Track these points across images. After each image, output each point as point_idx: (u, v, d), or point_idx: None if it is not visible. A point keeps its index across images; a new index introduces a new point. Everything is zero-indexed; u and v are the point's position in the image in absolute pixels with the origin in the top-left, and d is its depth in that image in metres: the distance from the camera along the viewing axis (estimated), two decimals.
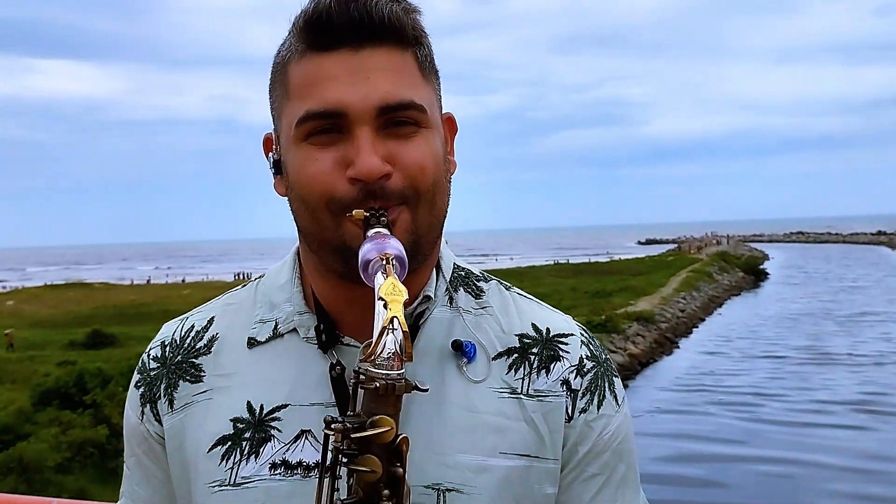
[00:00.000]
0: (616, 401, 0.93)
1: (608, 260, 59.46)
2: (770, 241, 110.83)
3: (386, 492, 0.69)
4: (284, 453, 0.86)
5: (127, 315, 29.14)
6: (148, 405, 0.94)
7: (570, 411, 0.89)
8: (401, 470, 0.70)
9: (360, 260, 0.76)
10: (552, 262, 59.18)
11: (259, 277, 0.98)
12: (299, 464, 0.85)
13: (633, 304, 29.70)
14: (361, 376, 0.70)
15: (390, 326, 0.70)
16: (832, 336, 26.65)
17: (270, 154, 0.90)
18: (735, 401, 18.31)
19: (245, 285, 0.98)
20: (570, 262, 57.95)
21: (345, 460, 0.70)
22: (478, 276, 0.97)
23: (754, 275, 49.73)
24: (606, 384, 0.92)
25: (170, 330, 0.97)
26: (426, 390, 0.74)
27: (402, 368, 0.70)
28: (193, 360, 0.93)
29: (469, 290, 0.93)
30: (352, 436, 0.68)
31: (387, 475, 0.69)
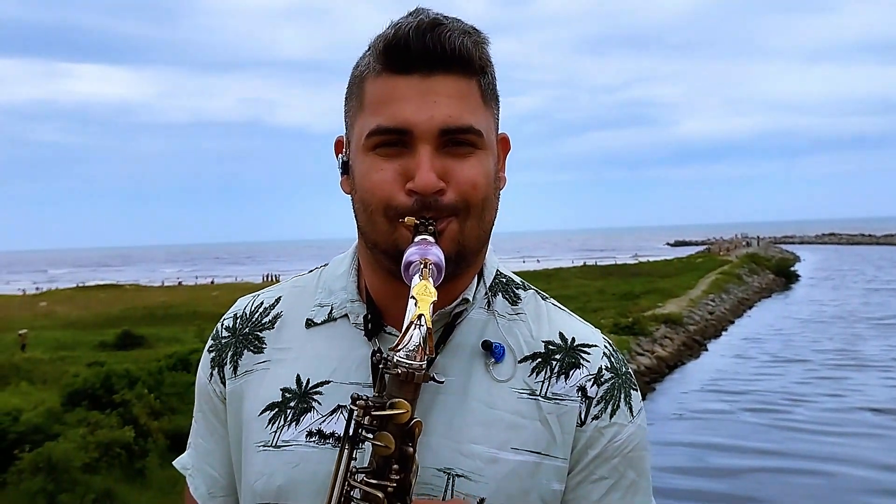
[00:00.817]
0: (631, 412, 1.00)
1: (636, 262, 59.03)
2: (801, 243, 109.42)
3: (395, 466, 0.78)
4: (321, 424, 0.96)
5: (157, 316, 29.41)
6: (216, 368, 1.07)
7: (582, 416, 0.97)
8: (411, 449, 0.79)
9: (403, 260, 0.87)
10: (580, 264, 58.86)
11: (324, 265, 1.10)
12: (332, 434, 0.95)
13: (660, 307, 29.46)
14: (388, 362, 0.80)
15: (417, 322, 0.80)
16: (866, 339, 26.22)
17: (340, 155, 1.01)
18: (766, 406, 18.04)
19: (311, 271, 1.10)
20: (598, 263, 57.58)
21: (364, 433, 0.79)
22: (517, 283, 1.05)
23: (785, 277, 49.12)
24: (622, 395, 1.00)
25: (242, 304, 1.10)
26: (442, 382, 0.84)
27: (423, 360, 0.79)
28: (258, 333, 1.05)
29: (507, 296, 1.02)
30: (372, 413, 0.78)
31: (399, 452, 0.78)
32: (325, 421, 0.96)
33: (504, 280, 1.04)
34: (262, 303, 1.08)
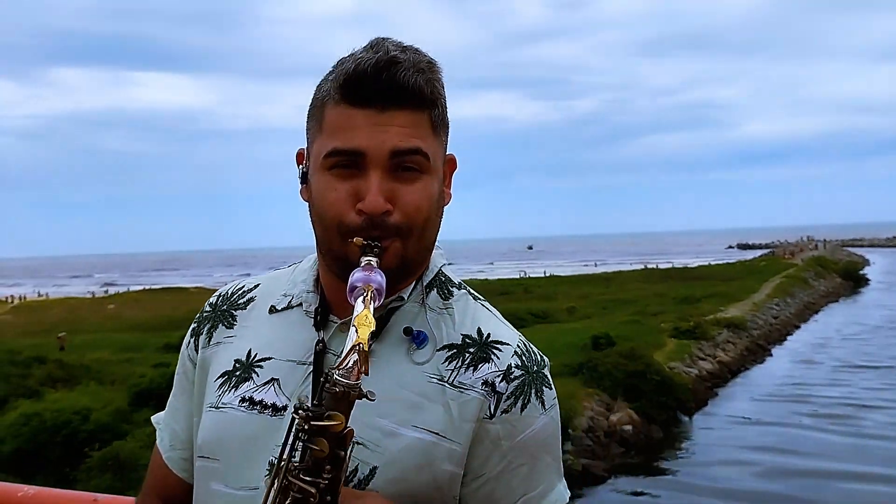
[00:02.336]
0: (543, 405, 1.08)
1: (697, 265, 58.02)
2: (870, 246, 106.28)
3: (328, 467, 0.89)
4: (254, 392, 1.09)
5: None
6: (194, 337, 1.21)
7: (491, 409, 1.04)
8: (343, 453, 0.90)
9: (349, 283, 0.97)
10: (640, 268, 58.13)
11: (300, 261, 1.21)
12: (261, 402, 1.08)
13: (722, 311, 28.90)
14: (329, 380, 0.89)
15: (356, 347, 0.90)
16: None
17: (300, 166, 1.11)
18: (834, 413, 17.56)
19: (291, 265, 1.22)
20: (659, 267, 56.78)
21: (303, 438, 0.90)
22: (454, 283, 1.15)
23: (853, 280, 47.75)
24: (533, 391, 1.07)
25: (227, 287, 1.25)
26: (373, 400, 0.92)
27: (359, 380, 0.89)
28: (233, 311, 1.19)
29: (441, 292, 1.12)
30: (311, 422, 0.89)
31: (332, 455, 0.89)
32: (258, 390, 1.09)
33: (442, 279, 1.14)
34: (243, 286, 1.23)
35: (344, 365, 0.90)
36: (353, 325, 0.92)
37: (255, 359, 1.11)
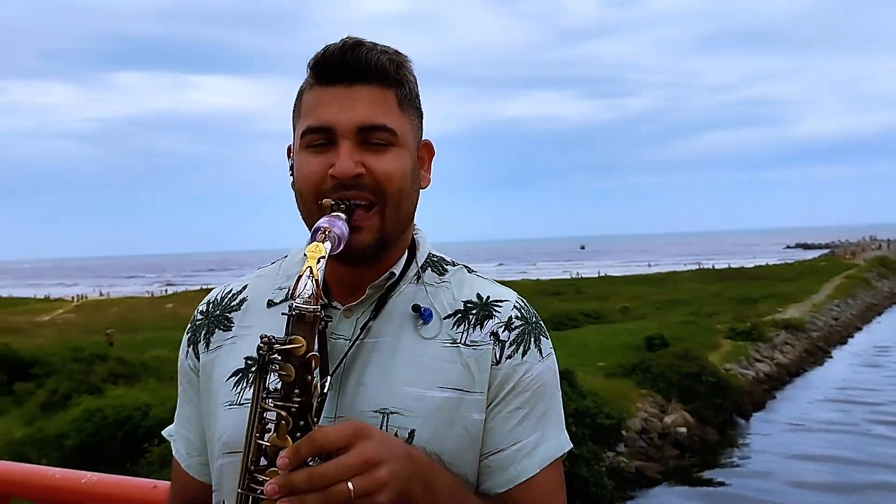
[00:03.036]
0: (540, 353, 1.14)
1: (754, 265, 56.93)
2: None
3: (297, 391, 0.94)
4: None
5: None
6: (191, 346, 1.23)
7: (497, 356, 1.12)
8: (310, 377, 0.94)
9: (313, 228, 1.03)
10: (695, 268, 57.27)
11: (284, 257, 1.26)
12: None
13: (780, 312, 28.32)
14: (289, 309, 0.96)
15: (308, 274, 0.96)
16: None
17: (288, 159, 1.17)
18: None
19: (273, 263, 1.27)
20: (715, 267, 55.85)
21: (272, 365, 0.95)
22: (448, 261, 1.22)
23: None
24: (532, 339, 1.14)
25: (215, 293, 1.27)
26: (330, 319, 1.04)
27: (317, 304, 0.96)
28: (227, 314, 1.22)
29: (436, 269, 1.19)
30: (275, 347, 0.95)
31: (300, 380, 0.94)
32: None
33: (435, 259, 1.21)
34: (231, 290, 1.25)
35: (299, 291, 0.96)
36: (304, 255, 0.99)
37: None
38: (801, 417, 17.91)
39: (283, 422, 0.94)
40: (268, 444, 0.96)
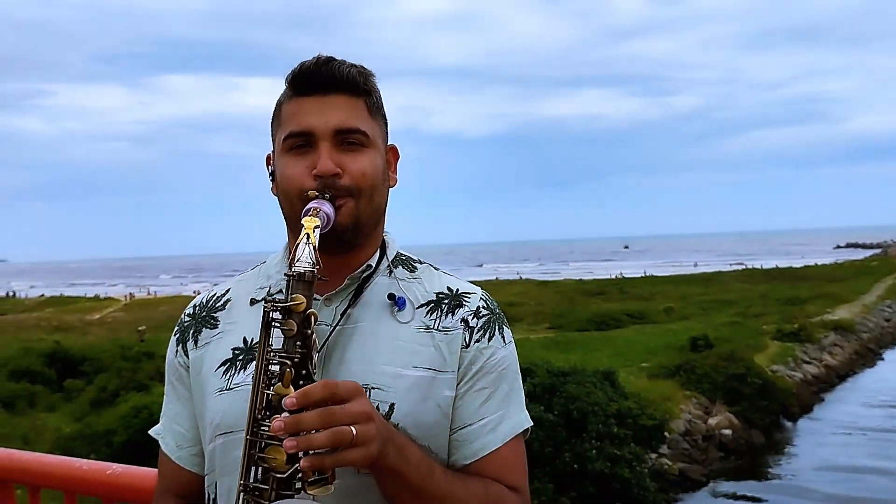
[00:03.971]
0: (503, 340, 1.28)
1: (802, 266, 55.86)
2: None
3: (298, 343, 1.05)
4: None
5: None
6: (180, 345, 1.34)
7: (467, 340, 1.25)
8: (309, 332, 1.05)
9: (303, 210, 1.15)
10: (741, 268, 56.40)
11: (263, 262, 1.37)
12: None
13: (829, 313, 27.76)
14: (289, 269, 1.08)
15: (305, 241, 1.09)
16: None
17: (269, 167, 1.30)
18: None
19: (253, 268, 1.39)
20: (763, 267, 54.93)
21: (275, 323, 1.07)
22: (416, 260, 1.35)
23: None
24: (496, 327, 1.28)
25: (200, 298, 1.39)
26: (327, 280, 1.14)
27: (313, 267, 1.07)
28: (213, 314, 1.33)
29: (406, 266, 1.32)
30: (278, 305, 1.07)
31: (300, 333, 1.05)
32: None
33: (404, 258, 1.33)
34: (215, 294, 1.37)
35: (298, 255, 1.07)
36: (302, 225, 1.11)
37: (253, 343, 1.24)
38: (850, 421, 17.53)
39: (288, 370, 1.04)
40: (273, 393, 1.05)
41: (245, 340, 1.26)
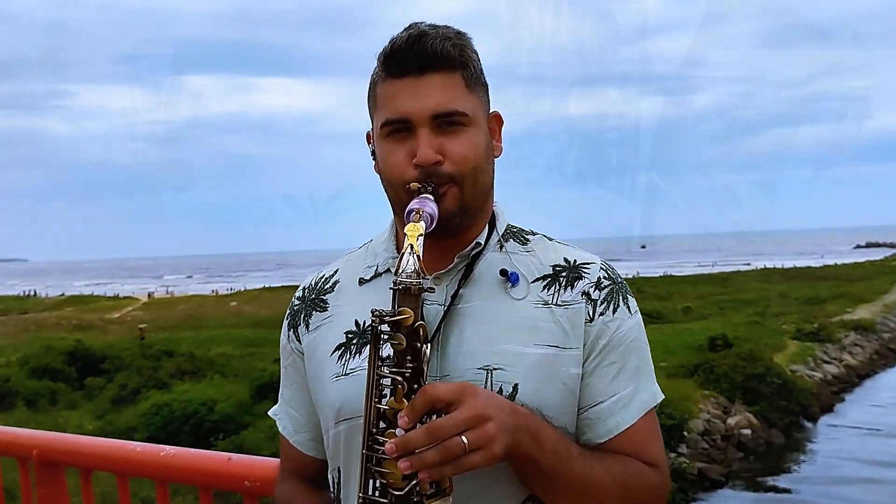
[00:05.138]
0: (629, 310, 1.23)
1: (822, 265, 55.43)
2: None
3: (409, 357, 1.03)
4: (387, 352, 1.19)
5: None
6: (292, 330, 1.33)
7: (590, 314, 1.20)
8: (419, 344, 1.03)
9: (406, 210, 1.12)
10: (760, 267, 56.03)
11: (370, 241, 1.35)
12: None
13: (849, 312, 27.54)
14: (394, 284, 1.05)
15: (409, 251, 1.06)
16: None
17: (369, 144, 1.27)
18: None
19: (360, 247, 1.36)
20: (784, 266, 54.56)
21: (384, 336, 1.04)
22: (527, 232, 1.30)
23: None
24: (620, 297, 1.23)
25: (308, 280, 1.37)
26: (433, 290, 1.12)
27: (419, 278, 1.04)
28: (322, 296, 1.32)
29: (517, 239, 1.27)
30: (385, 319, 1.04)
31: (410, 347, 1.03)
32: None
33: (515, 230, 1.29)
34: (323, 275, 1.35)
35: (402, 267, 1.05)
36: (405, 234, 1.08)
37: (366, 326, 1.22)
38: (872, 422, 17.40)
39: (399, 386, 1.03)
40: (386, 407, 1.04)
41: (357, 323, 1.24)
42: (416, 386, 1.03)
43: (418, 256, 1.06)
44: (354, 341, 1.23)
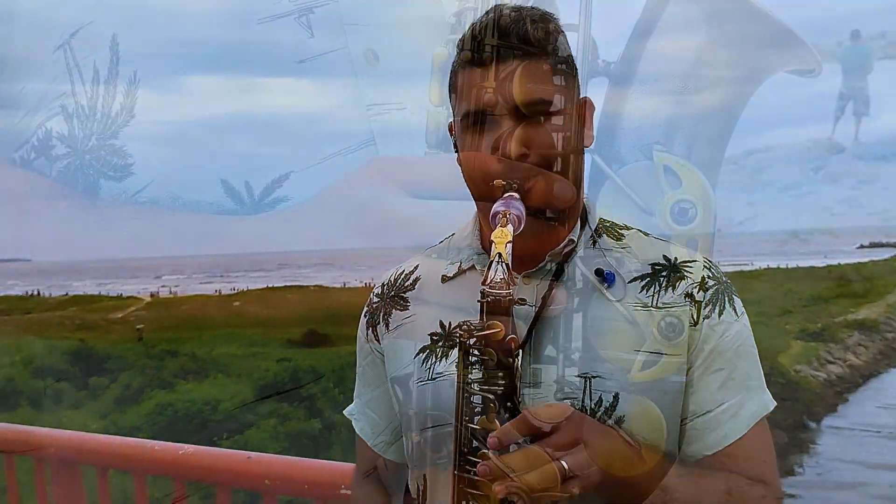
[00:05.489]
0: (735, 312, 1.14)
1: (825, 265, 55.32)
2: None
3: (500, 374, 0.98)
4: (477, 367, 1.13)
5: (339, 316, 30.71)
6: (370, 329, 1.27)
7: (694, 317, 1.11)
8: (511, 360, 0.98)
9: (491, 212, 1.04)
10: (763, 267, 55.92)
11: (451, 234, 1.28)
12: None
13: (853, 312, 27.48)
14: (482, 296, 0.99)
15: (497, 260, 0.99)
16: None
17: (451, 135, 1.19)
18: None
19: (441, 241, 1.29)
20: (786, 266, 54.46)
21: (473, 351, 0.98)
22: (621, 226, 1.21)
23: None
24: (726, 298, 1.14)
25: (388, 275, 1.30)
26: (525, 302, 1.04)
27: (508, 288, 0.98)
28: (402, 294, 1.25)
29: (611, 235, 1.18)
30: (474, 334, 0.98)
31: (501, 363, 0.98)
32: None
33: (608, 224, 1.20)
34: (403, 271, 1.28)
35: (490, 278, 0.99)
36: (492, 241, 1.01)
37: (451, 327, 1.15)
38: (876, 422, 17.36)
39: (491, 404, 0.98)
40: (477, 426, 0.99)
41: (442, 324, 1.17)
42: (508, 404, 0.98)
43: (507, 266, 0.99)
44: (440, 344, 1.17)
